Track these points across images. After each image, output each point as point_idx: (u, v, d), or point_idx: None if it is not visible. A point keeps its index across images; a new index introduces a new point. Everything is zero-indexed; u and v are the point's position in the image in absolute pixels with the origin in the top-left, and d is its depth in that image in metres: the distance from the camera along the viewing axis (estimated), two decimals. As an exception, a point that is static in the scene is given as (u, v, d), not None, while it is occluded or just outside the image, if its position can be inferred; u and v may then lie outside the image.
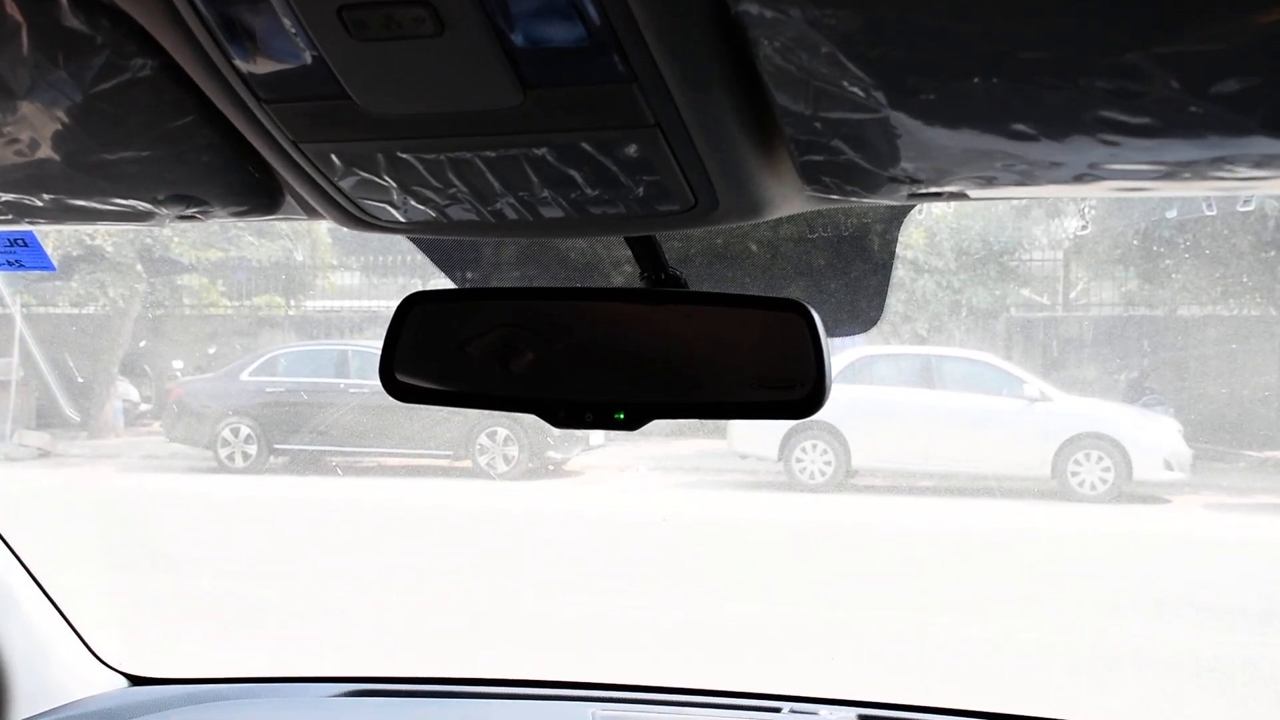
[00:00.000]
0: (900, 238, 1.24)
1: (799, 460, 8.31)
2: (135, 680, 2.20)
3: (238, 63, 0.76)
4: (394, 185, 0.87)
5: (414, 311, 1.15)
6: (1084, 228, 10.07)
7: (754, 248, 1.28)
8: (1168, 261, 9.54)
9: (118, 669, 2.19)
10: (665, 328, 1.07)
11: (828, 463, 8.38)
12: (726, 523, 7.71)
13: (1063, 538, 7.64)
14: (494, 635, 5.49)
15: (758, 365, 1.10)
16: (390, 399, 1.16)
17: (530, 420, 1.29)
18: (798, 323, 1.05)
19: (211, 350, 11.82)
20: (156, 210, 0.98)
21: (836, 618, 6.33)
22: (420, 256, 1.36)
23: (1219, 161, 0.70)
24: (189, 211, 0.98)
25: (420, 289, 1.17)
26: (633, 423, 1.10)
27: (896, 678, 5.32)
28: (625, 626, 5.83)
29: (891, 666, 5.48)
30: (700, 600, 6.35)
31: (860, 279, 1.28)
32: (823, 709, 2.01)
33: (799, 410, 1.07)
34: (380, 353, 1.15)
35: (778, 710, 2.02)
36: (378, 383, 1.15)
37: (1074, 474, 8.40)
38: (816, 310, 1.11)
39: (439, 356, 1.17)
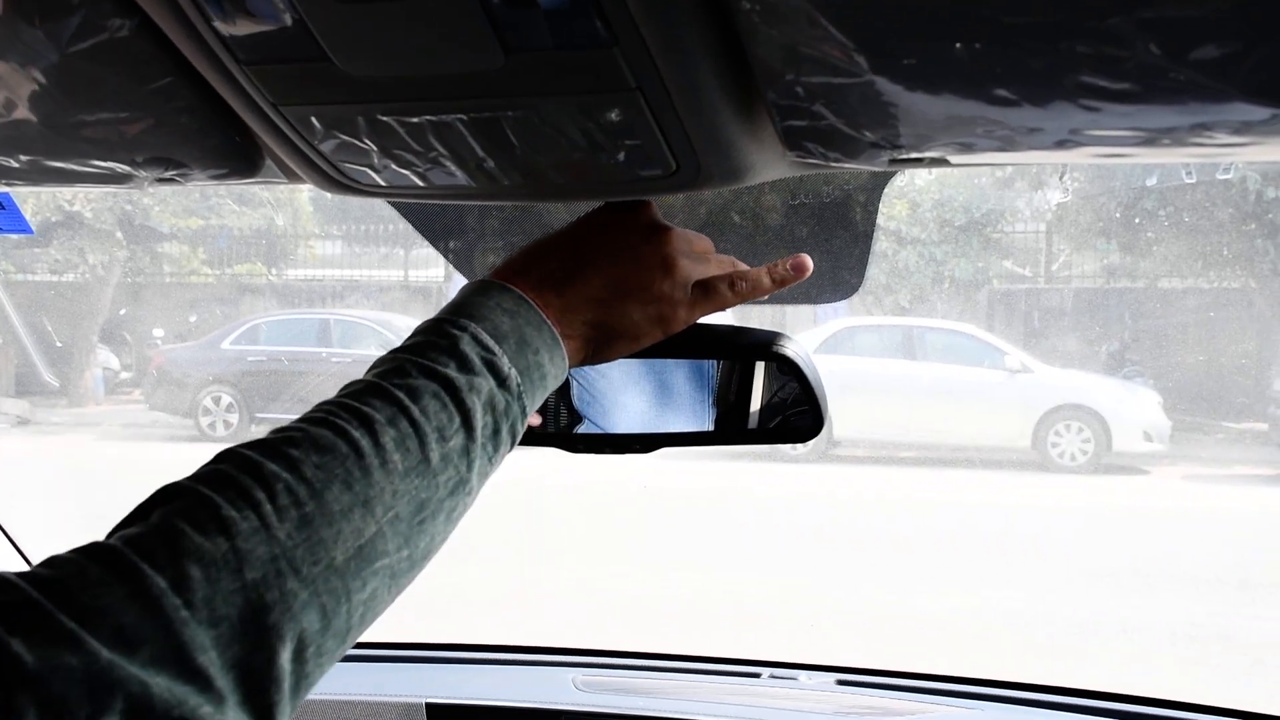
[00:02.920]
0: (882, 208, 1.24)
1: (780, 431, 8.33)
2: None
3: (216, 23, 0.75)
4: (374, 148, 0.87)
5: None
6: (1065, 195, 10.09)
7: (736, 218, 1.28)
8: (1149, 234, 9.58)
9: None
10: (665, 354, 1.08)
11: (809, 433, 8.40)
12: (706, 492, 7.74)
13: (1042, 508, 7.70)
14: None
15: (763, 392, 1.13)
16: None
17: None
18: (790, 349, 1.07)
19: (193, 318, 11.78)
20: (135, 173, 0.98)
21: (817, 587, 6.37)
22: (403, 225, 1.36)
23: (1199, 128, 0.70)
24: (168, 174, 0.98)
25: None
26: (646, 449, 1.15)
27: (875, 644, 5.36)
28: (610, 596, 5.87)
29: (871, 634, 5.53)
30: (684, 572, 6.38)
31: (842, 247, 1.28)
32: (801, 674, 2.03)
33: (805, 434, 1.11)
34: None
35: (757, 675, 2.04)
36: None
37: (1054, 445, 8.47)
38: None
39: None
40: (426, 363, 0.82)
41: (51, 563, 0.67)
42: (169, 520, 0.69)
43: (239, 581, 0.67)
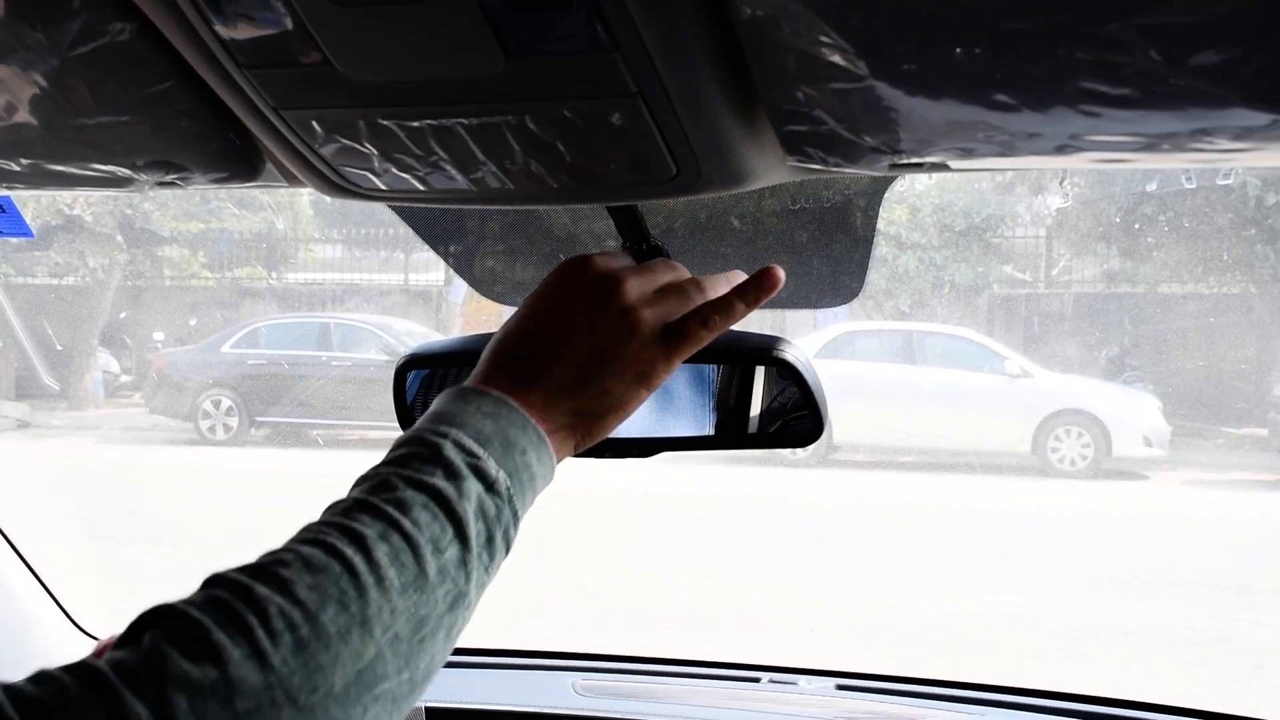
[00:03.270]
0: (882, 213, 1.24)
1: (780, 435, 8.32)
2: (116, 649, 2.20)
3: (217, 27, 0.75)
4: (375, 153, 0.87)
5: (412, 372, 1.17)
6: (1065, 200, 10.09)
7: (736, 223, 1.28)
8: (1149, 239, 9.58)
9: (98, 638, 2.19)
10: None
11: (809, 437, 8.39)
12: (706, 496, 7.74)
13: (1042, 513, 7.69)
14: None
15: (763, 397, 1.13)
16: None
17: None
18: (790, 354, 1.07)
19: (193, 322, 11.78)
20: (135, 176, 0.98)
21: (817, 591, 6.36)
22: (403, 229, 1.36)
23: (1198, 133, 0.70)
24: (168, 178, 0.98)
25: (411, 351, 1.18)
26: (646, 453, 1.14)
27: (875, 649, 5.36)
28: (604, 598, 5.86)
29: (871, 637, 5.53)
30: (684, 577, 6.38)
31: (842, 252, 1.28)
32: (801, 679, 2.03)
33: (805, 439, 1.11)
34: (394, 409, 1.18)
35: (757, 680, 2.04)
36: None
37: (1054, 450, 8.46)
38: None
39: None
40: (412, 474, 0.79)
41: (38, 679, 0.65)
42: (156, 644, 0.66)
43: (230, 712, 0.64)
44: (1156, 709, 1.90)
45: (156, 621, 0.68)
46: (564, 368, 0.90)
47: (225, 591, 0.70)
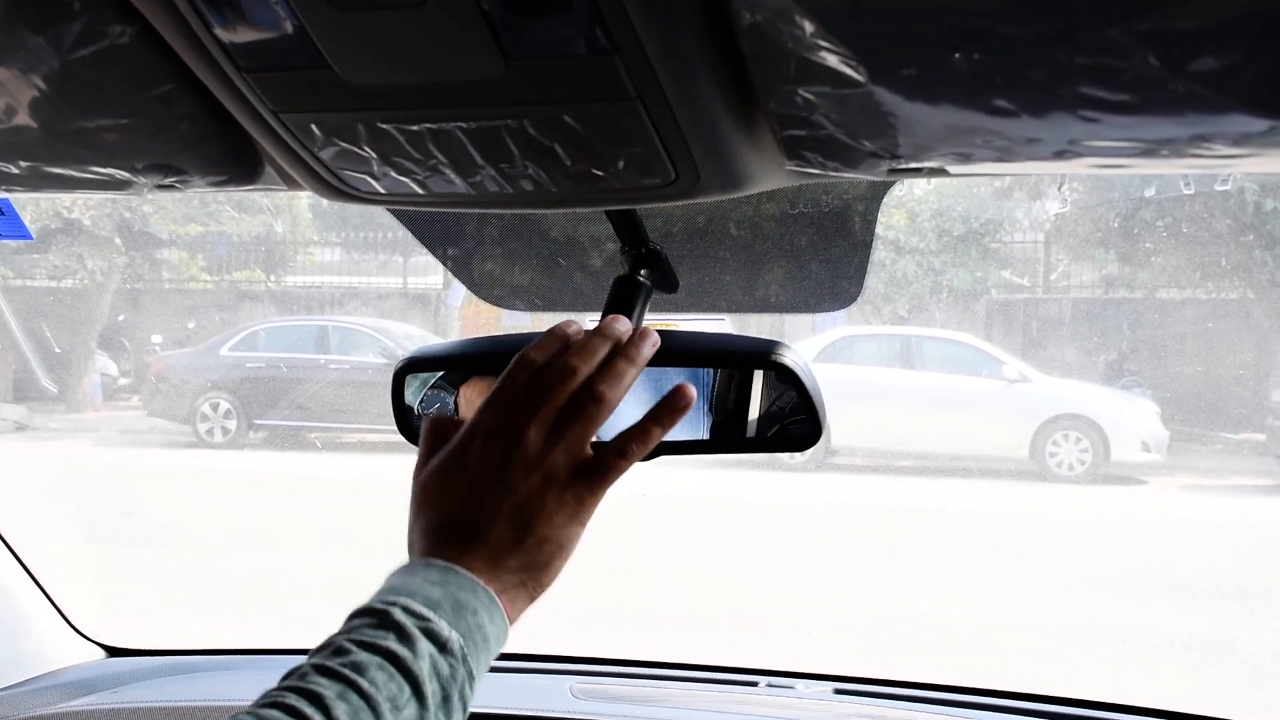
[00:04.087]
0: (881, 218, 1.24)
1: (778, 439, 8.31)
2: (113, 651, 2.20)
3: (217, 31, 0.75)
4: (374, 156, 0.87)
5: (410, 375, 1.17)
6: (1064, 205, 10.10)
7: (734, 228, 1.28)
8: (1147, 244, 9.59)
9: (95, 640, 2.19)
10: (664, 363, 1.07)
11: (807, 442, 8.39)
12: (704, 500, 7.73)
13: (1040, 518, 7.69)
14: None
15: (761, 401, 1.13)
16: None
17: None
18: (788, 358, 1.07)
19: (191, 324, 11.77)
20: (135, 179, 0.98)
21: (815, 593, 6.36)
22: (402, 232, 1.36)
23: (1197, 139, 0.70)
24: (167, 181, 0.98)
25: (410, 354, 1.18)
26: (645, 458, 1.13)
27: (874, 653, 5.36)
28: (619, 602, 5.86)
29: (868, 642, 5.52)
30: (681, 578, 6.37)
31: (841, 256, 1.28)
32: (799, 683, 2.03)
33: (803, 443, 1.10)
34: (393, 413, 1.18)
35: (755, 684, 2.04)
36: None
37: (1052, 455, 8.46)
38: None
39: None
40: (364, 639, 0.81)
41: None
42: None
43: None
44: (1154, 714, 1.90)
45: None
46: (496, 531, 0.90)
47: None
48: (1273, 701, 4.89)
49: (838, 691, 2.01)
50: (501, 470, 0.92)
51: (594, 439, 0.95)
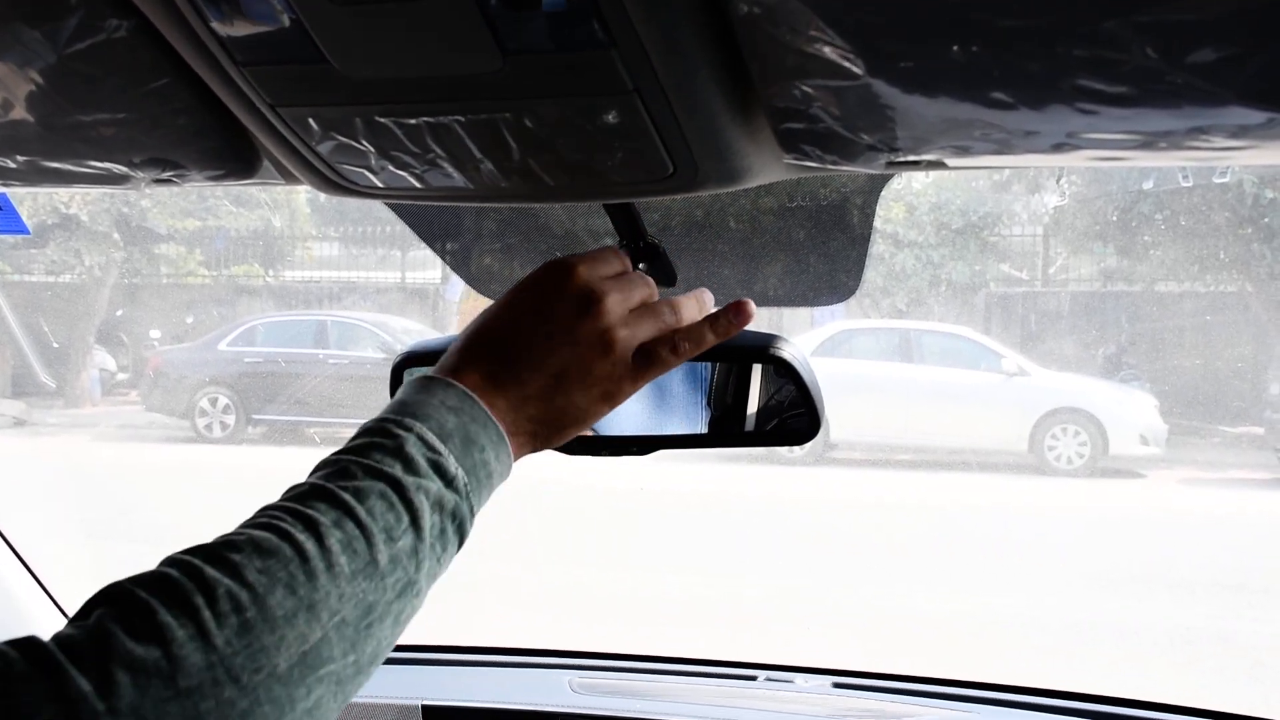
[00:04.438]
0: (879, 211, 1.24)
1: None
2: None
3: (214, 25, 0.75)
4: (372, 150, 0.87)
5: (408, 369, 1.17)
6: (1062, 198, 10.10)
7: (733, 221, 1.28)
8: (1146, 237, 9.59)
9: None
10: None
11: (806, 435, 8.38)
12: (703, 494, 7.74)
13: (1039, 511, 7.70)
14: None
15: (760, 394, 1.13)
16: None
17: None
18: (787, 351, 1.07)
19: (189, 319, 11.76)
20: (132, 173, 0.98)
21: (814, 589, 6.36)
22: (400, 227, 1.36)
23: (1195, 131, 0.70)
24: (165, 175, 0.98)
25: (408, 348, 1.18)
26: (644, 451, 1.14)
27: (872, 646, 5.36)
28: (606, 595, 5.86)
29: (868, 636, 5.53)
30: (680, 574, 6.38)
31: (839, 250, 1.28)
32: (798, 677, 2.03)
33: (801, 436, 1.10)
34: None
35: (753, 679, 2.04)
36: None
37: (1051, 448, 8.46)
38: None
39: None
40: (371, 463, 0.81)
41: None
42: (103, 623, 0.68)
43: (171, 689, 0.66)
44: (1153, 707, 1.91)
45: (107, 601, 0.70)
46: (535, 376, 0.91)
47: (176, 571, 0.72)
48: (1272, 695, 4.90)
49: (836, 685, 2.01)
50: (565, 324, 0.92)
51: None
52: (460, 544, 0.85)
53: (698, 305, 0.99)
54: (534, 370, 0.91)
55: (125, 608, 0.69)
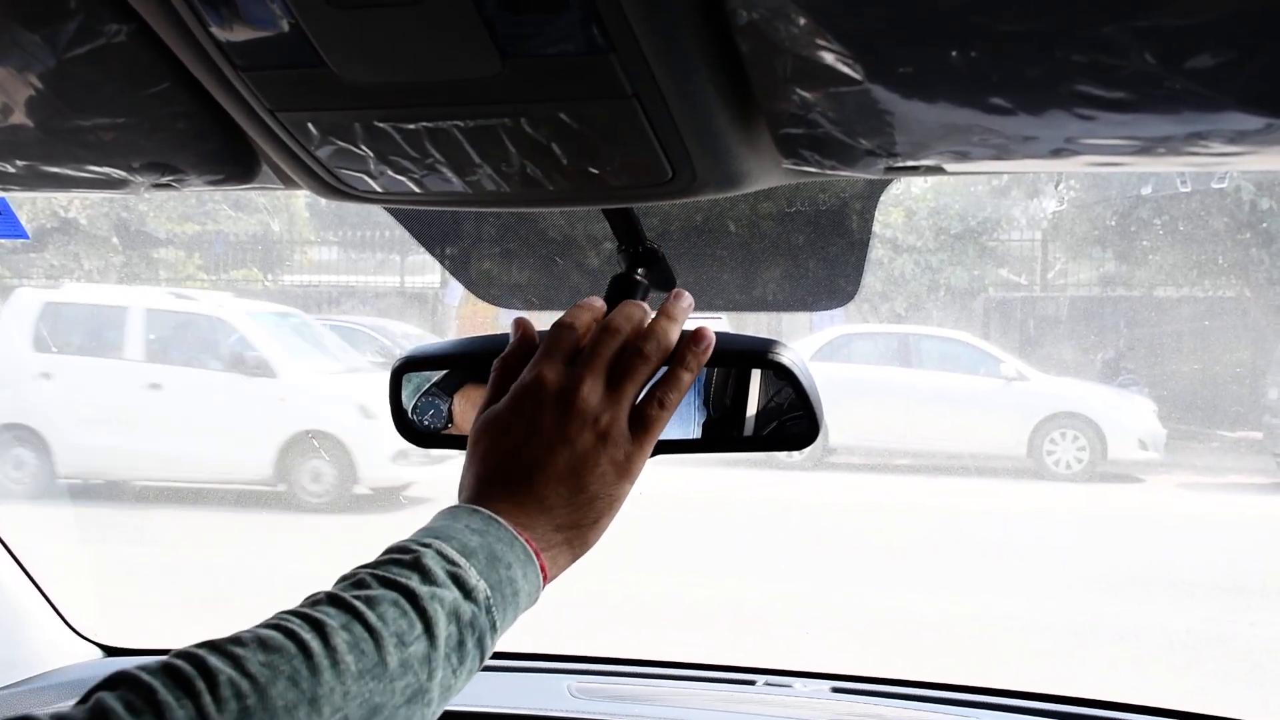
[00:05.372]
0: (878, 216, 1.24)
1: (776, 438, 8.30)
2: (110, 651, 2.20)
3: (214, 29, 0.75)
4: (371, 155, 0.87)
5: (408, 374, 1.17)
6: (1061, 204, 10.10)
7: (732, 226, 1.28)
8: (1144, 242, 9.59)
9: (92, 639, 2.19)
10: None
11: (806, 440, 8.37)
12: (702, 498, 7.73)
13: (1038, 515, 7.69)
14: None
15: (759, 399, 1.13)
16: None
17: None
18: (785, 356, 1.07)
19: (188, 323, 11.73)
20: (131, 178, 0.98)
21: (815, 592, 6.36)
22: (400, 231, 1.36)
23: (1194, 137, 0.70)
24: (164, 180, 0.98)
25: (407, 353, 1.18)
26: None
27: (873, 649, 5.36)
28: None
29: (868, 639, 5.53)
30: (682, 577, 6.37)
31: (838, 255, 1.28)
32: (797, 681, 2.03)
33: (800, 441, 1.10)
34: (390, 412, 1.18)
35: (752, 683, 2.04)
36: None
37: (1050, 453, 8.46)
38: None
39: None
40: (387, 575, 0.82)
41: None
42: (102, 702, 0.68)
43: None
44: (1153, 712, 1.90)
45: (110, 685, 0.71)
46: (550, 488, 0.93)
47: (181, 661, 0.72)
48: (1271, 698, 4.90)
49: (835, 690, 2.01)
50: (559, 425, 0.94)
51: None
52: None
53: (667, 319, 1.00)
54: (547, 483, 0.93)
55: (127, 689, 0.69)
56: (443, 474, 7.12)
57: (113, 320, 8.62)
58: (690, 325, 1.02)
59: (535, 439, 0.94)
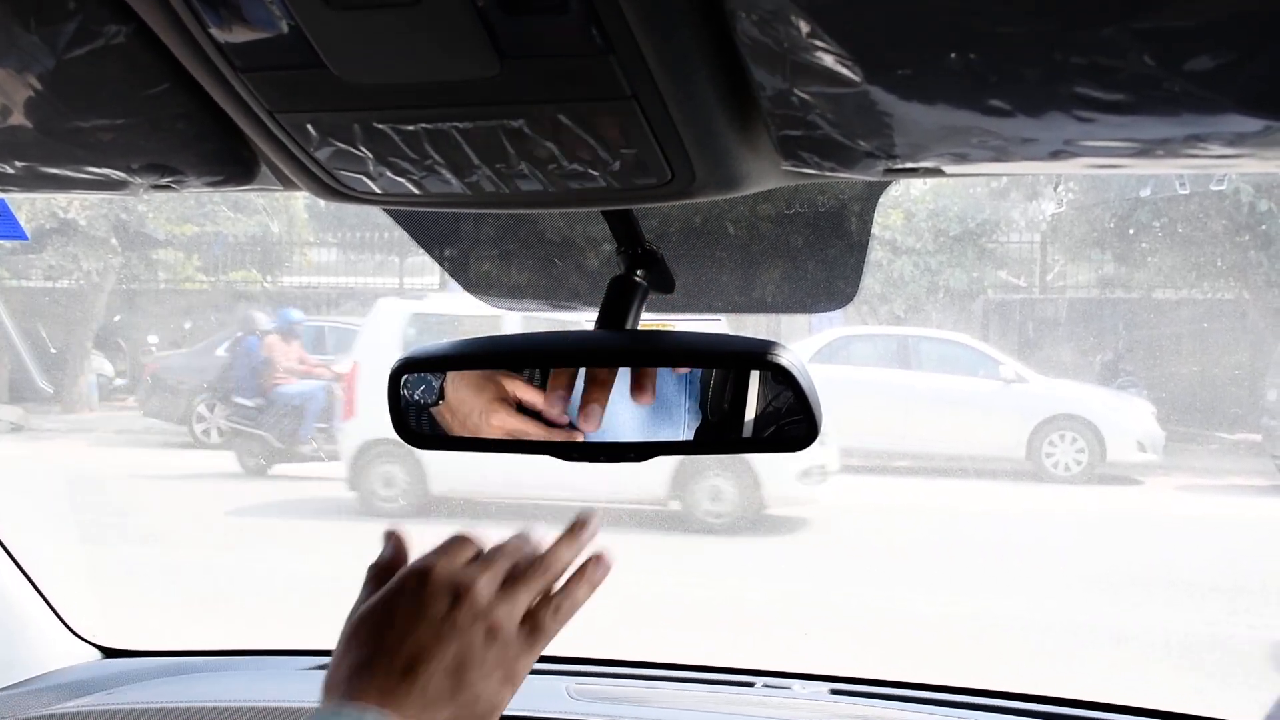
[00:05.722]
0: (877, 218, 1.24)
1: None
2: (108, 652, 2.20)
3: (213, 30, 0.75)
4: (370, 156, 0.87)
5: (407, 375, 1.17)
6: (1060, 206, 10.11)
7: (731, 227, 1.28)
8: (1143, 244, 9.60)
9: (91, 641, 2.19)
10: (659, 363, 1.07)
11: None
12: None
13: (1037, 517, 7.70)
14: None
15: (757, 401, 1.12)
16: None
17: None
18: (784, 358, 1.07)
19: (187, 325, 11.76)
20: (130, 179, 0.98)
21: (815, 592, 6.36)
22: (399, 233, 1.36)
23: (1192, 139, 0.70)
24: (163, 181, 0.98)
25: (406, 355, 1.18)
26: (640, 458, 1.14)
27: (872, 651, 5.36)
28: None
29: (868, 640, 5.53)
30: (682, 577, 6.38)
31: (837, 256, 1.28)
32: (796, 683, 2.03)
33: (799, 443, 1.10)
34: (389, 415, 1.18)
35: (751, 685, 2.04)
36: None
37: (1049, 455, 8.47)
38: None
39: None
40: None
41: None
42: None
43: None
44: (1152, 714, 1.90)
45: None
46: (433, 681, 0.90)
47: None
48: (1270, 700, 4.90)
49: (834, 692, 2.01)
50: (448, 615, 0.92)
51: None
52: None
53: (568, 545, 1.00)
54: (430, 675, 0.90)
55: None
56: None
57: (467, 330, 8.60)
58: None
59: (422, 625, 0.91)
